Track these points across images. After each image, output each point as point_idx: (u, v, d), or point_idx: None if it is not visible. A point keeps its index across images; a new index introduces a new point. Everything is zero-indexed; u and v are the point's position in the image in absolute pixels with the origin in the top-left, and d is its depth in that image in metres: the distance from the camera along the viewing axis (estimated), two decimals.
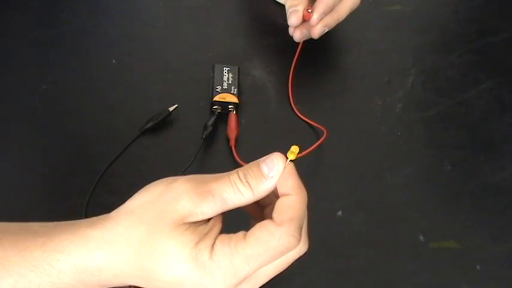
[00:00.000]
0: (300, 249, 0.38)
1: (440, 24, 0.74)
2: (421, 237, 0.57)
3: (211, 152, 0.59)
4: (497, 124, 0.65)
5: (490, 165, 0.63)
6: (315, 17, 0.61)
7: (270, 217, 0.39)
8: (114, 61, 0.63)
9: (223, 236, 0.36)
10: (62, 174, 0.56)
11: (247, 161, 0.57)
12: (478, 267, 0.56)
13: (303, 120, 0.62)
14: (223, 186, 0.37)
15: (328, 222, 0.57)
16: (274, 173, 0.37)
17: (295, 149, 0.39)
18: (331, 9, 0.62)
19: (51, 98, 0.60)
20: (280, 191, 0.38)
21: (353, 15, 0.64)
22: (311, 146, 0.58)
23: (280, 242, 0.35)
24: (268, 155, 0.38)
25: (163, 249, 0.35)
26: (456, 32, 0.72)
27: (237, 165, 0.58)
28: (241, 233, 0.36)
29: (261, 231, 0.36)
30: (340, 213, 0.58)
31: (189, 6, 0.69)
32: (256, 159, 0.57)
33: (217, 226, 0.37)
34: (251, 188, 0.37)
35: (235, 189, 0.37)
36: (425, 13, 0.74)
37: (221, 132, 0.60)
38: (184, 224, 0.36)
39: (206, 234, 0.36)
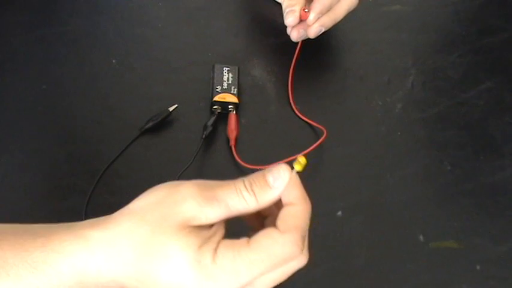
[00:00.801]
0: (301, 260, 0.38)
1: (440, 24, 0.74)
2: (421, 237, 0.57)
3: (211, 152, 0.59)
4: (497, 124, 0.65)
5: (490, 165, 0.63)
6: (311, 16, 0.61)
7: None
8: (114, 61, 0.63)
9: (227, 241, 0.36)
10: (62, 174, 0.56)
11: (247, 161, 0.57)
12: (478, 267, 0.56)
13: (303, 120, 0.62)
14: (229, 193, 0.37)
15: (328, 222, 0.57)
16: (279, 183, 0.38)
17: (302, 160, 0.39)
18: (328, 9, 0.61)
19: (51, 98, 0.60)
20: (284, 200, 0.38)
21: (353, 15, 0.64)
22: (311, 145, 0.58)
23: (283, 250, 0.36)
24: (274, 166, 0.38)
25: (166, 251, 0.35)
26: (456, 32, 0.72)
27: (237, 165, 0.58)
28: (244, 239, 0.36)
29: (265, 237, 0.36)
30: (340, 213, 0.58)
31: (189, 6, 0.69)
32: (256, 159, 0.58)
33: (220, 231, 0.37)
34: (255, 197, 0.37)
35: (240, 197, 0.37)
36: (426, 13, 0.74)
37: (221, 132, 0.60)
38: (188, 226, 0.35)
39: (209, 238, 0.36)
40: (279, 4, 0.69)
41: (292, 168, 0.39)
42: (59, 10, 0.66)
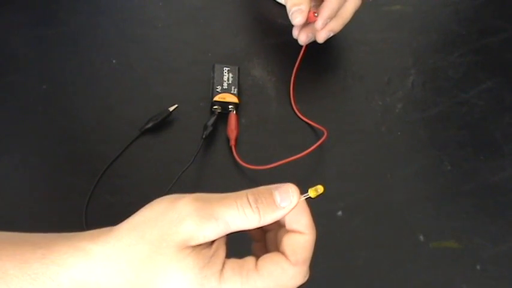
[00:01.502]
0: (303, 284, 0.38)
1: (440, 24, 0.74)
2: (421, 237, 0.57)
3: (211, 152, 0.59)
4: (497, 124, 0.65)
5: (490, 165, 0.62)
6: (319, 22, 0.60)
7: (273, 242, 0.39)
8: (114, 61, 0.63)
9: (233, 263, 0.36)
10: (62, 174, 0.56)
11: (248, 161, 0.57)
12: (478, 267, 0.56)
13: (303, 120, 0.62)
14: (228, 209, 0.36)
15: (328, 222, 0.57)
16: (287, 204, 0.37)
17: (320, 189, 0.39)
18: (335, 13, 0.61)
19: (51, 98, 0.60)
20: (291, 225, 0.38)
21: (354, 14, 0.64)
22: (311, 146, 0.58)
23: (291, 281, 0.36)
24: (283, 184, 0.37)
25: (167, 273, 0.34)
26: (456, 32, 0.72)
27: (237, 165, 0.58)
28: (251, 261, 0.36)
29: (275, 266, 0.36)
30: (340, 213, 0.58)
31: (189, 6, 0.69)
32: (257, 159, 0.58)
33: (222, 249, 0.36)
34: (259, 214, 0.36)
35: (241, 213, 0.36)
36: (426, 13, 0.74)
37: (221, 132, 0.60)
38: (188, 247, 0.35)
39: (211, 257, 0.35)
40: (279, 4, 0.69)
41: (307, 192, 0.38)
42: (59, 10, 0.66)
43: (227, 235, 0.37)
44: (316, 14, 0.60)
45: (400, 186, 0.60)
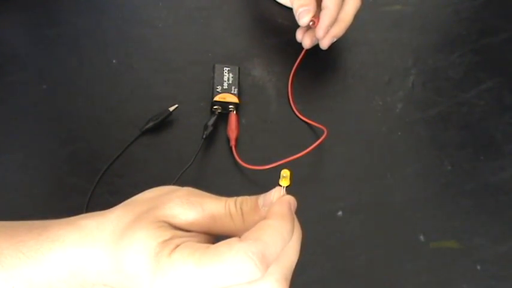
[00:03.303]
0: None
1: (440, 24, 0.74)
2: (421, 237, 0.57)
3: (212, 152, 0.59)
4: (498, 124, 0.65)
5: (490, 165, 0.63)
6: (320, 31, 0.60)
7: None
8: (114, 61, 0.63)
9: (193, 243, 0.35)
10: (62, 174, 0.56)
11: (248, 161, 0.57)
12: (478, 267, 0.56)
13: (303, 120, 0.62)
14: (216, 204, 0.36)
15: (328, 222, 0.57)
16: (267, 205, 0.37)
17: (285, 173, 0.38)
18: (335, 19, 0.61)
19: (51, 98, 0.60)
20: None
21: (355, 15, 0.64)
22: (311, 145, 0.58)
23: (234, 258, 0.32)
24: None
25: (132, 239, 0.35)
26: (457, 32, 0.72)
27: (237, 165, 0.58)
28: (208, 244, 0.35)
29: (223, 243, 0.34)
30: (340, 213, 0.58)
31: (189, 6, 0.69)
32: (257, 159, 0.58)
33: (198, 237, 0.36)
34: (242, 216, 0.36)
35: (226, 211, 0.36)
36: (426, 13, 0.74)
37: (221, 132, 0.60)
38: (165, 222, 0.35)
39: (180, 237, 0.35)
40: (280, 4, 0.69)
41: (280, 186, 0.38)
42: (59, 10, 0.66)
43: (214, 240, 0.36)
44: (312, 23, 0.61)
45: (400, 186, 0.60)
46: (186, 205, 0.36)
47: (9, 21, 0.64)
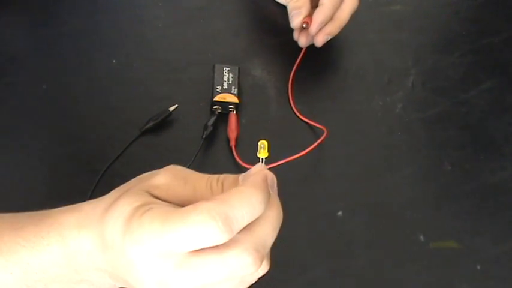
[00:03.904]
0: (247, 263, 0.33)
1: (440, 24, 0.74)
2: (421, 237, 0.57)
3: (211, 152, 0.59)
4: (497, 124, 0.65)
5: (490, 165, 0.62)
6: (313, 27, 0.61)
7: None
8: (114, 61, 0.63)
9: (166, 206, 0.34)
10: (62, 174, 0.56)
11: (248, 161, 0.57)
12: (478, 267, 0.56)
13: (303, 120, 0.62)
14: (199, 179, 0.37)
15: (328, 222, 0.57)
16: (245, 179, 0.36)
17: (262, 143, 0.38)
18: (330, 18, 0.62)
19: (51, 98, 0.60)
20: None
21: (353, 15, 0.64)
22: (311, 146, 0.58)
23: (196, 217, 0.31)
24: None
25: (113, 208, 0.35)
26: (456, 32, 0.72)
27: (237, 166, 0.58)
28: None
29: (191, 205, 0.33)
30: (340, 213, 0.57)
31: (189, 6, 0.69)
32: (257, 159, 0.58)
33: (172, 206, 0.35)
34: (222, 190, 0.36)
35: (208, 185, 0.36)
36: (426, 13, 0.74)
37: (221, 132, 0.60)
38: (146, 191, 0.35)
39: (157, 203, 0.34)
40: (280, 4, 0.69)
41: (260, 160, 0.38)
42: (59, 10, 0.66)
43: None
44: (304, 26, 0.61)
45: (400, 186, 0.60)
46: (170, 179, 0.36)
47: (9, 21, 0.64)
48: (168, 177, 0.36)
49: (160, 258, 0.33)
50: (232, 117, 0.60)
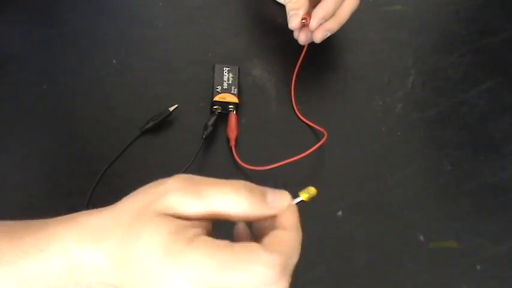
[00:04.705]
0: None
1: (440, 24, 0.74)
2: (421, 237, 0.57)
3: (211, 152, 0.59)
4: (497, 124, 0.65)
5: (490, 165, 0.62)
6: (313, 22, 0.61)
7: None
8: (114, 61, 0.63)
9: (208, 238, 0.35)
10: (62, 174, 0.56)
11: (248, 161, 0.57)
12: (478, 267, 0.56)
13: (303, 121, 0.62)
14: (217, 194, 0.36)
15: (328, 222, 0.57)
16: (276, 204, 0.37)
17: (312, 191, 0.39)
18: (331, 14, 0.61)
19: (51, 98, 0.60)
20: (278, 225, 0.37)
21: (353, 15, 0.64)
22: (311, 146, 0.58)
23: (263, 269, 0.33)
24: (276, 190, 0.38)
25: (137, 235, 0.34)
26: (456, 32, 0.72)
27: (237, 166, 0.58)
28: (227, 241, 0.35)
29: (248, 248, 0.34)
30: (340, 213, 0.58)
31: (189, 6, 0.69)
32: (257, 159, 0.58)
33: (202, 225, 0.36)
34: (248, 201, 0.36)
35: (229, 200, 0.36)
36: (426, 13, 0.74)
37: (221, 132, 0.60)
38: (166, 215, 0.35)
39: (186, 227, 0.35)
40: (279, 4, 0.69)
41: (298, 196, 0.38)
42: (59, 10, 0.66)
43: (215, 223, 0.37)
44: (303, 21, 0.61)
45: (400, 187, 0.60)
46: (183, 198, 0.35)
47: (9, 21, 0.64)
48: (180, 197, 0.35)
49: (202, 286, 0.34)
50: (232, 117, 0.60)
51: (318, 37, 0.62)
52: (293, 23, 0.62)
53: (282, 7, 0.66)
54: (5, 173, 0.55)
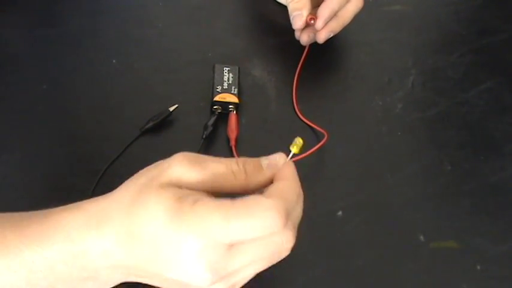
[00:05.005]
0: (285, 237, 0.36)
1: (440, 24, 0.74)
2: (421, 237, 0.57)
3: (212, 152, 0.59)
4: (497, 124, 0.66)
5: (490, 165, 0.63)
6: (319, 22, 0.61)
7: None
8: (114, 61, 0.63)
9: (212, 198, 0.36)
10: (62, 174, 0.56)
11: None
12: (478, 267, 0.56)
13: (303, 121, 0.62)
14: (216, 164, 0.37)
15: (328, 222, 0.57)
16: (273, 166, 0.38)
17: (299, 141, 0.39)
18: (335, 14, 0.62)
19: (51, 98, 0.60)
20: (276, 179, 0.38)
21: (355, 16, 0.64)
22: (311, 146, 0.58)
23: (264, 213, 0.34)
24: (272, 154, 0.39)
25: (142, 206, 0.35)
26: (456, 32, 0.72)
27: None
28: (228, 199, 0.36)
29: (248, 198, 0.35)
30: (340, 213, 0.58)
31: (189, 6, 0.69)
32: (255, 156, 0.58)
33: (205, 194, 0.36)
34: (245, 173, 0.37)
35: (228, 169, 0.37)
36: (426, 13, 0.74)
37: (221, 132, 0.60)
38: (171, 185, 0.36)
39: (190, 193, 0.35)
40: (280, 4, 0.69)
41: (290, 151, 0.39)
42: (59, 10, 0.66)
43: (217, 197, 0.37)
44: (312, 22, 0.61)
45: (400, 187, 0.60)
46: (187, 167, 0.36)
47: (9, 21, 0.64)
48: (184, 167, 0.37)
49: (215, 246, 0.34)
50: (232, 117, 0.60)
51: (322, 37, 0.62)
52: (297, 23, 0.62)
53: (282, 7, 0.66)
54: (5, 173, 0.55)
